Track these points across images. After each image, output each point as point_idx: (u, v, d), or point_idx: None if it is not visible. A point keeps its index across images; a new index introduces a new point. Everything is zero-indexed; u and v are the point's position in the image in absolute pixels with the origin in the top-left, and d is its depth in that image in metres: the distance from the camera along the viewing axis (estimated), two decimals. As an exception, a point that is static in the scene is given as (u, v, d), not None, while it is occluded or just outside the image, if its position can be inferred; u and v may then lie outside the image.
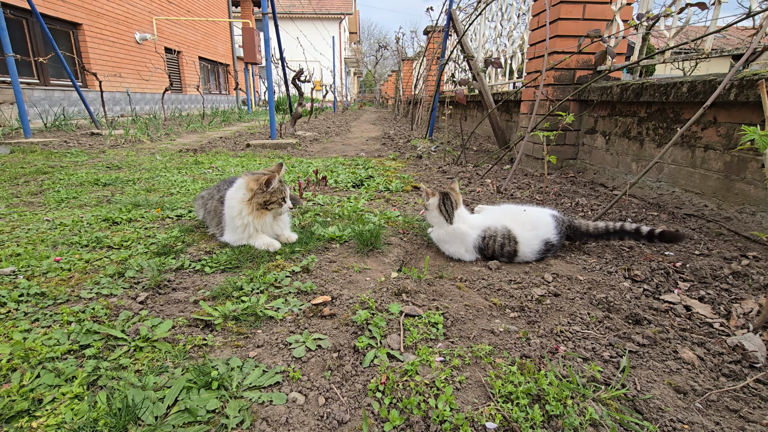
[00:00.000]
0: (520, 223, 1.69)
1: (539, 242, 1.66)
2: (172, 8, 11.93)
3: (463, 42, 4.71)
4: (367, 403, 0.88)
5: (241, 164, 3.88)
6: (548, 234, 1.67)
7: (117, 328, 1.13)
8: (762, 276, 1.49)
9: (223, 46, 16.07)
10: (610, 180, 3.00)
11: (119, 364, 0.99)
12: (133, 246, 1.75)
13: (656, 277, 1.51)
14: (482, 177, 3.27)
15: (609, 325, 1.20)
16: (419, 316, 1.21)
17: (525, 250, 1.66)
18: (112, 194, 2.69)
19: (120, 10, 9.49)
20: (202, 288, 1.38)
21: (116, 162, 3.90)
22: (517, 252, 1.66)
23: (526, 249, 1.66)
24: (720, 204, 2.14)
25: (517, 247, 1.66)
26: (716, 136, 2.15)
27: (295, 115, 6.22)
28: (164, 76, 10.77)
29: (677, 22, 2.61)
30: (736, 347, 1.09)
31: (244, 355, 1.04)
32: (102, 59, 8.86)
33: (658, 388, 0.95)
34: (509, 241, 1.66)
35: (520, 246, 1.66)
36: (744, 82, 1.90)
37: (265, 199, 1.70)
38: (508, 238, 1.66)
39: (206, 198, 2.01)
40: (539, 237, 1.66)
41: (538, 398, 0.87)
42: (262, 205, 1.71)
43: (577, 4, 3.10)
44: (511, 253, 1.67)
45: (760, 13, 2.03)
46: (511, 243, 1.66)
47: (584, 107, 3.28)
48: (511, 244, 1.66)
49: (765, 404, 0.92)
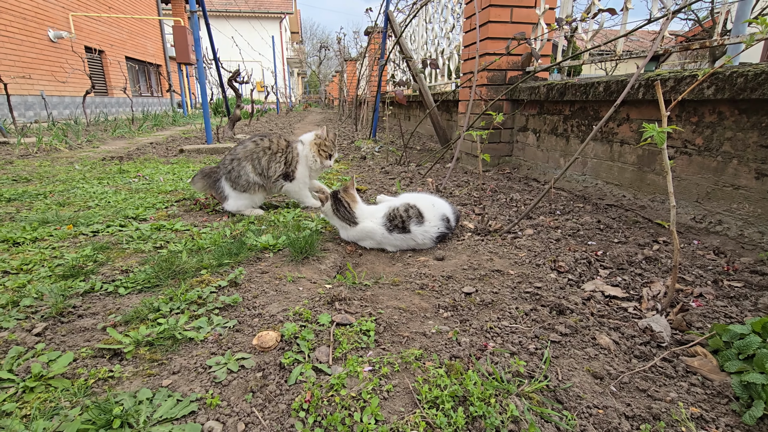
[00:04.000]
0: (420, 200, 1.90)
1: (439, 215, 1.87)
2: (92, 4, 10.98)
3: (401, 43, 4.76)
4: (291, 425, 0.83)
5: (173, 171, 3.64)
6: (445, 211, 1.91)
7: (3, 367, 0.98)
8: (669, 259, 1.63)
9: (154, 46, 15.07)
10: (542, 175, 3.15)
11: (2, 411, 0.86)
12: (35, 269, 1.56)
13: (579, 267, 1.59)
14: (424, 176, 3.32)
15: (535, 317, 1.25)
16: (351, 325, 1.17)
17: (429, 216, 1.84)
18: (17, 210, 2.39)
19: (27, 5, 8.56)
20: (114, 312, 1.26)
21: (25, 174, 3.50)
22: (423, 216, 1.82)
23: (431, 216, 1.84)
24: (636, 194, 2.32)
25: (422, 212, 1.82)
26: (630, 131, 2.33)
27: (234, 117, 5.96)
28: (85, 78, 9.87)
29: (593, 26, 2.80)
30: (646, 329, 1.17)
31: (156, 384, 0.95)
32: (8, 59, 7.95)
33: (577, 376, 0.99)
34: (412, 209, 1.82)
35: (424, 212, 1.83)
36: (650, 82, 2.07)
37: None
38: (411, 207, 1.83)
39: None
40: (439, 211, 1.88)
41: (463, 400, 0.87)
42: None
43: (505, 7, 3.23)
44: (418, 215, 1.81)
45: (660, 19, 2.23)
46: (414, 209, 1.82)
47: (516, 106, 3.43)
48: (415, 210, 1.82)
49: (669, 381, 0.99)
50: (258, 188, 2.32)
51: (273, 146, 2.35)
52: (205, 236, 1.91)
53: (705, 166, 1.92)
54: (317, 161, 2.40)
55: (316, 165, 2.41)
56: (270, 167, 2.32)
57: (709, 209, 1.90)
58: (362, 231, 1.82)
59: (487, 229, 2.01)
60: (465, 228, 2.08)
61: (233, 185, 2.29)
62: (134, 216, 2.26)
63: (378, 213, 1.84)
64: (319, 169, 2.47)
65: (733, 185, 1.80)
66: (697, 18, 8.41)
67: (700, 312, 1.25)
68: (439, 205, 1.92)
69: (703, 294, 1.36)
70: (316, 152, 2.40)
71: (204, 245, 1.78)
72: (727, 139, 1.81)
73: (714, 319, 1.21)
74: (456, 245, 1.88)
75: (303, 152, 2.40)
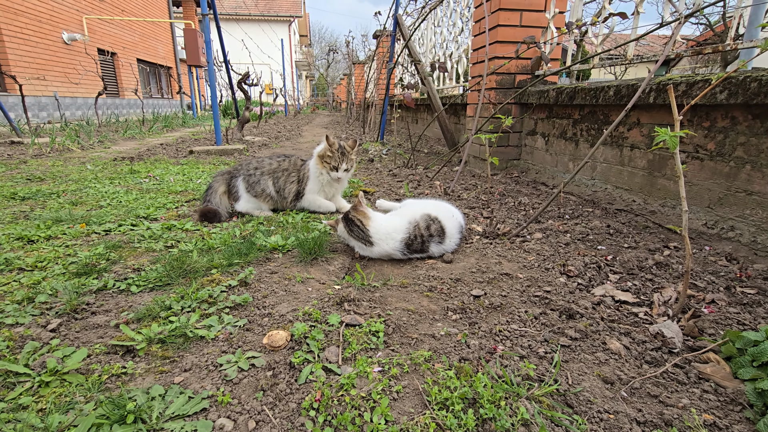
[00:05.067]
0: (440, 211, 1.81)
1: (457, 226, 1.82)
2: (105, 7, 11.16)
3: (410, 46, 4.77)
4: (301, 423, 0.83)
5: (182, 172, 3.68)
6: (460, 219, 1.87)
7: (20, 362, 1.00)
8: (681, 265, 1.61)
9: (165, 48, 15.26)
10: (550, 179, 3.14)
11: (19, 404, 0.87)
12: (49, 267, 1.58)
13: (589, 272, 1.58)
14: (431, 179, 3.32)
15: (545, 321, 1.24)
16: (360, 326, 1.18)
17: (451, 232, 1.77)
18: (31, 209, 2.43)
19: (43, 8, 8.73)
20: (127, 310, 1.27)
21: (39, 173, 3.56)
22: (444, 232, 1.75)
23: (452, 231, 1.77)
24: (646, 199, 2.30)
25: (444, 229, 1.75)
26: (640, 136, 2.32)
27: (243, 119, 6.01)
28: (97, 79, 10.03)
29: (603, 30, 2.79)
30: (657, 335, 1.16)
31: (168, 381, 0.96)
32: (23, 61, 8.10)
33: (588, 381, 0.99)
34: (434, 223, 1.74)
35: (446, 228, 1.75)
36: (661, 86, 2.06)
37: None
38: (433, 220, 1.75)
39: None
40: (457, 221, 1.83)
41: (473, 402, 0.87)
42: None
43: (515, 11, 3.24)
44: (440, 232, 1.74)
45: (672, 23, 2.22)
46: (436, 225, 1.74)
47: (525, 110, 3.42)
48: (437, 226, 1.74)
49: (681, 387, 0.98)
50: (270, 200, 2.39)
51: (290, 167, 2.40)
52: (215, 236, 1.92)
53: (717, 172, 1.90)
54: (322, 174, 2.32)
55: (323, 178, 2.33)
56: (285, 188, 2.37)
57: (721, 215, 1.88)
58: (380, 253, 1.71)
59: (495, 232, 2.01)
60: (473, 231, 2.07)
61: (248, 188, 2.35)
62: (145, 215, 2.29)
63: (396, 234, 1.70)
64: (332, 182, 2.35)
65: (746, 191, 1.78)
66: (708, 22, 8.34)
67: (712, 318, 1.24)
68: (455, 214, 1.86)
69: (715, 300, 1.35)
70: (320, 164, 2.30)
71: (214, 245, 1.80)
72: (740, 144, 1.79)
73: (727, 325, 1.20)
74: (464, 248, 1.87)
75: (312, 166, 2.37)
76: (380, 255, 1.72)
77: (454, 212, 1.87)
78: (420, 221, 1.73)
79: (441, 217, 1.77)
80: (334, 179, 2.31)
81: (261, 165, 2.41)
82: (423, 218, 1.74)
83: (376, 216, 1.75)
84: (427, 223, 1.73)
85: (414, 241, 1.70)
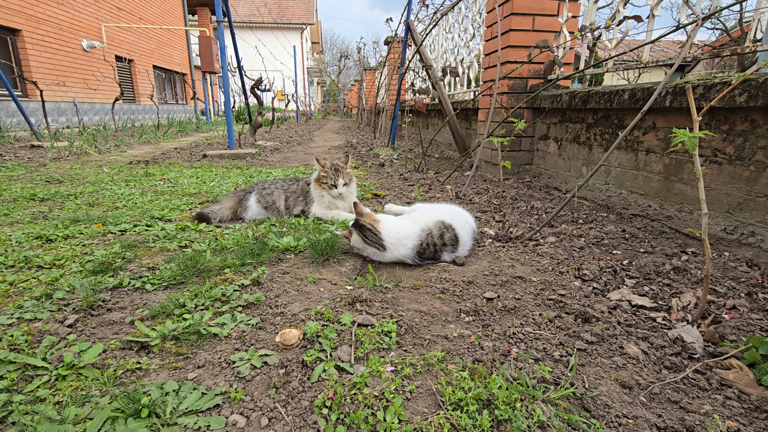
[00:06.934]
0: (455, 218, 1.77)
1: (470, 232, 1.78)
2: (123, 15, 11.45)
3: (422, 52, 4.79)
4: (313, 421, 0.83)
5: (196, 175, 3.73)
6: (473, 225, 1.84)
7: (38, 355, 1.02)
8: (699, 270, 1.58)
9: (180, 55, 15.57)
10: (563, 184, 3.11)
11: (36, 397, 0.89)
12: (66, 265, 1.61)
13: (604, 276, 1.56)
14: (442, 183, 3.31)
15: (559, 324, 1.22)
16: (372, 326, 1.17)
17: (464, 240, 1.74)
18: (49, 210, 2.49)
19: (64, 17, 8.99)
20: (141, 307, 1.29)
21: (57, 176, 3.64)
22: (458, 241, 1.71)
23: (465, 239, 1.74)
24: (662, 204, 2.26)
25: (458, 237, 1.71)
26: (656, 140, 2.28)
27: (255, 124, 6.09)
28: (115, 85, 10.26)
29: (617, 34, 2.77)
30: (677, 340, 1.13)
31: (182, 377, 0.96)
32: (44, 67, 8.33)
33: (605, 385, 0.97)
34: (448, 231, 1.71)
35: (460, 236, 1.72)
36: (677, 90, 2.03)
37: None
38: (447, 228, 1.71)
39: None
40: (470, 228, 1.80)
41: (488, 403, 0.86)
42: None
43: (527, 16, 3.23)
44: (453, 241, 1.71)
45: (689, 26, 2.19)
46: (450, 233, 1.71)
47: (537, 114, 3.40)
48: (451, 234, 1.71)
49: (703, 393, 0.95)
50: (277, 213, 2.44)
51: (299, 190, 2.47)
52: (228, 237, 1.94)
53: (736, 176, 1.86)
54: (323, 196, 2.33)
55: (324, 200, 2.35)
56: (294, 207, 2.44)
57: (741, 220, 1.84)
58: (392, 259, 1.69)
59: (508, 235, 1.99)
60: (485, 234, 2.06)
61: (259, 199, 2.40)
62: (160, 216, 2.32)
63: (408, 241, 1.66)
64: (336, 201, 2.36)
65: (767, 195, 1.73)
66: (724, 27, 8.23)
67: (733, 324, 1.20)
68: (469, 220, 1.82)
69: (736, 306, 1.31)
70: (318, 188, 2.33)
71: (227, 245, 1.82)
72: (761, 148, 1.75)
73: (748, 332, 1.17)
74: (476, 251, 1.86)
75: (313, 191, 2.38)
76: (392, 260, 1.70)
77: (467, 218, 1.82)
78: (433, 228, 1.68)
79: (455, 224, 1.72)
80: (335, 197, 2.32)
81: (276, 182, 2.52)
82: (436, 225, 1.69)
83: (386, 218, 1.72)
84: (441, 231, 1.68)
85: (426, 250, 1.66)
